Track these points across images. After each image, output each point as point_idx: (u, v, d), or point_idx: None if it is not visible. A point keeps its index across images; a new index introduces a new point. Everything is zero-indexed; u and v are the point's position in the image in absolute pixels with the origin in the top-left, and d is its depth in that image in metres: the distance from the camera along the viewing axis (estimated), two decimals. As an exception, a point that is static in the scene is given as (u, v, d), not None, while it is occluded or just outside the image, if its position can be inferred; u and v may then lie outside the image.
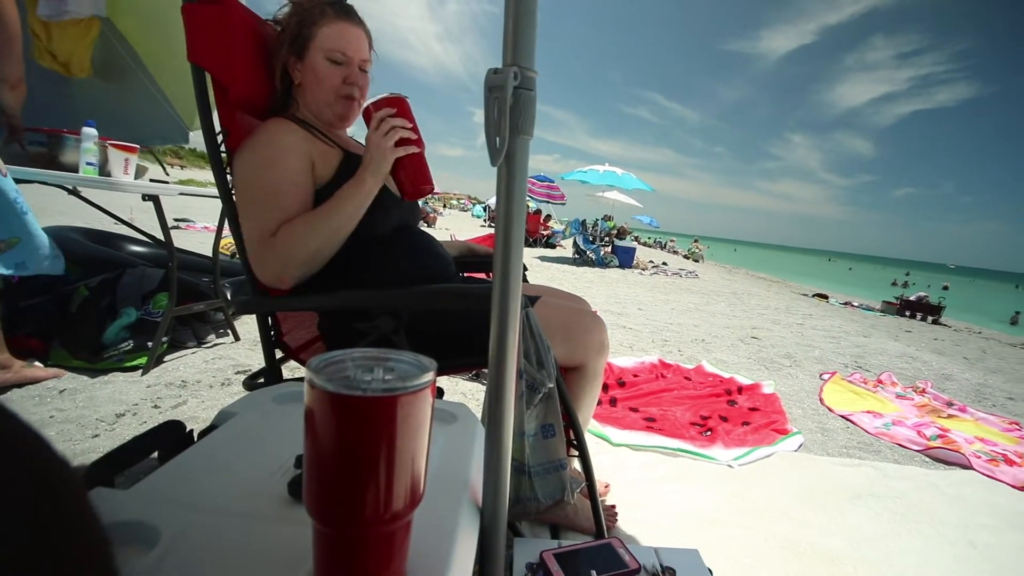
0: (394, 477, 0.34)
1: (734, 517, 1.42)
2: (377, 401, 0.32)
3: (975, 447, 2.08)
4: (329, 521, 0.35)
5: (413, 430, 0.35)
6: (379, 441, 0.33)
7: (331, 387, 0.32)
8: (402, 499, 0.35)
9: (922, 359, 4.15)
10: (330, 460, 0.34)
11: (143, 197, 1.74)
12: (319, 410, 0.33)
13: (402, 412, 0.33)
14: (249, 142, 0.93)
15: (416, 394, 0.34)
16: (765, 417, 2.17)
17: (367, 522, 0.35)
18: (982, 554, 1.38)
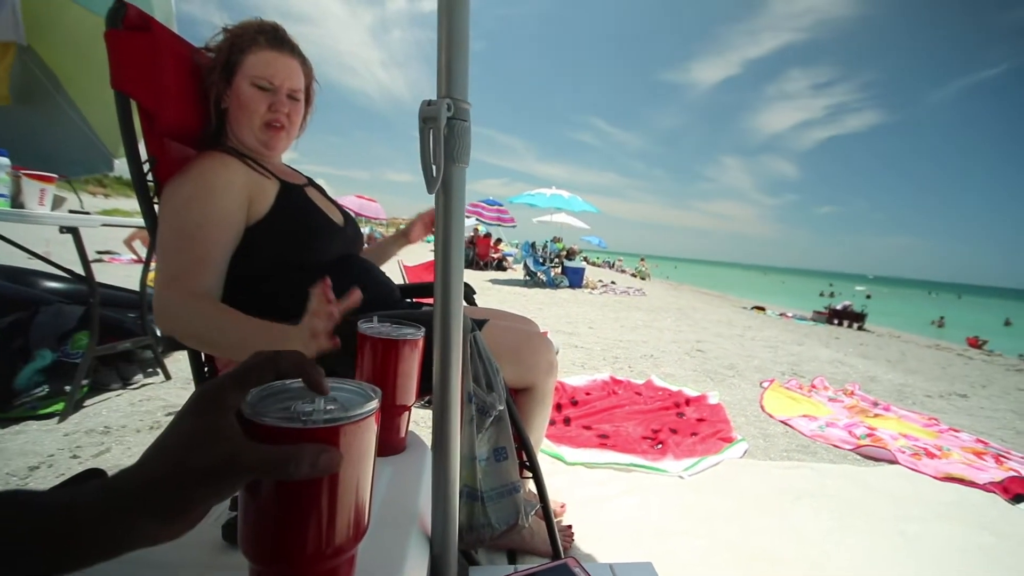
0: (336, 511, 0.33)
1: (685, 526, 1.45)
2: (316, 432, 0.31)
3: (900, 443, 2.25)
4: (265, 561, 0.33)
5: (355, 460, 0.34)
6: (332, 476, 0.32)
7: (268, 420, 0.31)
8: (344, 533, 0.34)
9: (850, 363, 4.46)
10: (266, 496, 0.32)
11: (60, 229, 1.62)
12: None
13: (344, 442, 0.32)
14: (180, 177, 0.90)
15: (359, 423, 0.33)
16: (712, 427, 2.26)
17: (307, 560, 0.33)
18: (912, 544, 1.48)
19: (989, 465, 2.09)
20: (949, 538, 1.52)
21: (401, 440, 0.73)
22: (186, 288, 0.83)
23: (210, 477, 0.28)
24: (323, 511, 0.33)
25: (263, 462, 0.29)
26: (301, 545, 0.33)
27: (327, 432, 0.31)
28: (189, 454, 0.28)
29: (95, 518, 0.27)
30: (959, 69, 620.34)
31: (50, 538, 0.26)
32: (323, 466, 0.30)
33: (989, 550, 1.47)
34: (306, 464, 0.29)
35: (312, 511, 0.32)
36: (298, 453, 0.29)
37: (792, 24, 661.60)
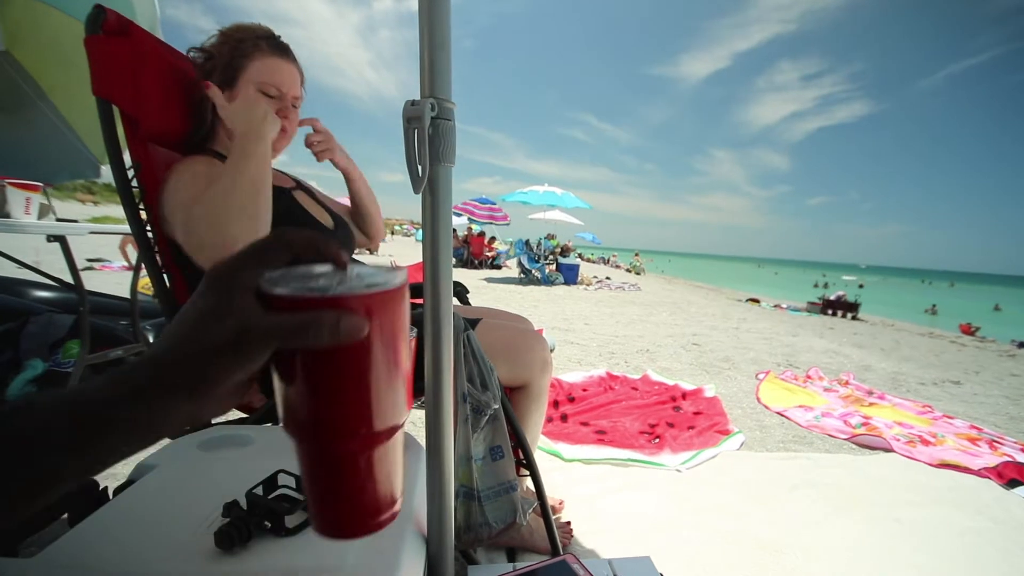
0: (369, 387, 0.30)
1: (683, 519, 1.46)
2: (338, 300, 0.28)
3: (894, 431, 2.27)
4: (307, 437, 0.31)
5: (385, 336, 0.30)
6: (359, 347, 0.29)
7: (285, 291, 0.28)
8: (381, 412, 0.31)
9: (844, 353, 4.49)
10: (296, 372, 0.30)
11: (48, 238, 1.61)
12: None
13: (369, 313, 0.29)
14: (174, 176, 0.89)
15: (385, 294, 0.30)
16: (708, 420, 2.27)
17: (345, 436, 0.31)
18: (907, 529, 1.49)
19: (983, 451, 2.11)
20: (945, 524, 1.53)
21: (395, 441, 0.73)
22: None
23: (227, 347, 0.27)
24: (355, 385, 0.30)
25: (280, 328, 0.27)
26: (337, 422, 0.30)
27: (350, 301, 0.28)
28: (203, 329, 0.27)
29: (122, 400, 0.26)
30: (946, 57, 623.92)
31: (81, 430, 0.26)
32: (345, 330, 0.27)
33: (984, 535, 1.49)
34: (326, 328, 0.26)
35: (344, 384, 0.30)
36: (317, 317, 0.27)
37: (780, 16, 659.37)
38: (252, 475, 0.56)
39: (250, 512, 0.51)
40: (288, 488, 0.56)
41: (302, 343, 0.27)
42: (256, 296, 0.29)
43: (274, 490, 0.55)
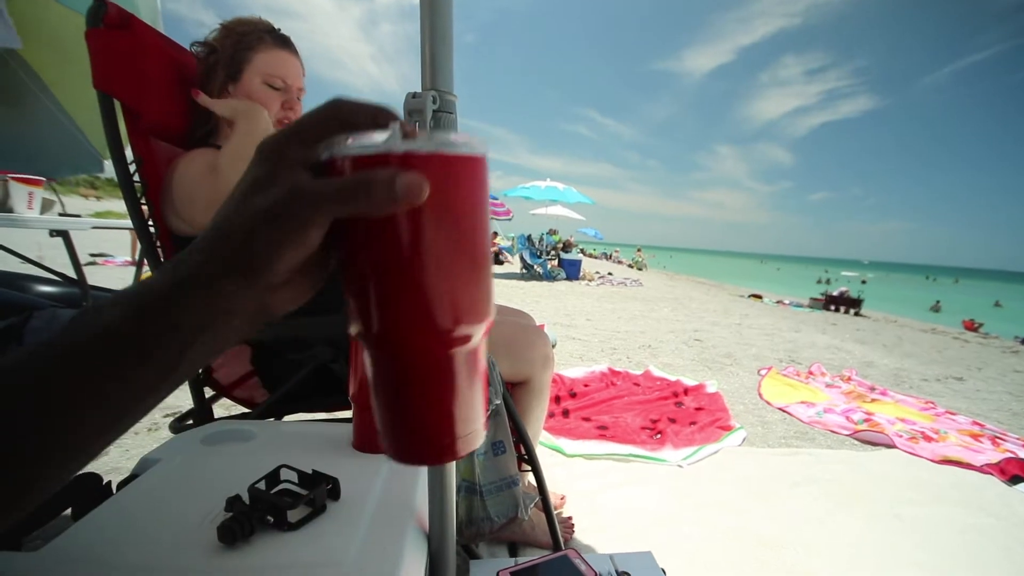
0: (430, 271, 0.24)
1: (685, 515, 1.46)
2: (400, 158, 0.23)
3: (897, 427, 2.26)
4: (368, 328, 0.26)
5: (456, 211, 0.25)
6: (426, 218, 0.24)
7: (339, 153, 0.24)
8: (453, 305, 0.25)
9: (846, 349, 4.48)
10: (353, 244, 0.25)
11: (51, 233, 1.61)
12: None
13: (439, 178, 0.24)
14: (181, 165, 0.90)
15: (457, 159, 0.25)
16: (710, 416, 2.26)
17: (414, 331, 0.25)
18: (909, 526, 1.49)
19: (986, 447, 2.10)
20: (947, 520, 1.53)
21: (398, 437, 0.73)
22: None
23: (274, 215, 0.23)
24: (421, 264, 0.24)
25: (329, 189, 0.23)
26: (403, 313, 0.25)
27: (411, 159, 0.23)
28: (249, 199, 0.24)
29: (177, 287, 0.23)
30: (951, 53, 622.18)
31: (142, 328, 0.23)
32: (403, 189, 0.22)
33: (987, 531, 1.49)
34: (381, 186, 0.22)
35: (409, 262, 0.24)
36: (370, 175, 0.23)
37: (784, 10, 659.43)
38: (255, 470, 0.56)
39: (253, 507, 0.51)
40: (291, 483, 0.56)
41: (355, 206, 0.23)
42: (308, 168, 0.25)
43: (277, 485, 0.55)
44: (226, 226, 0.24)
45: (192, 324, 0.24)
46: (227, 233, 0.24)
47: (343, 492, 0.57)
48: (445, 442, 0.27)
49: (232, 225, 0.24)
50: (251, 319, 0.26)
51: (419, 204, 0.23)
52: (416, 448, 0.28)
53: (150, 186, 0.91)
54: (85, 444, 0.24)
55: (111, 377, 0.23)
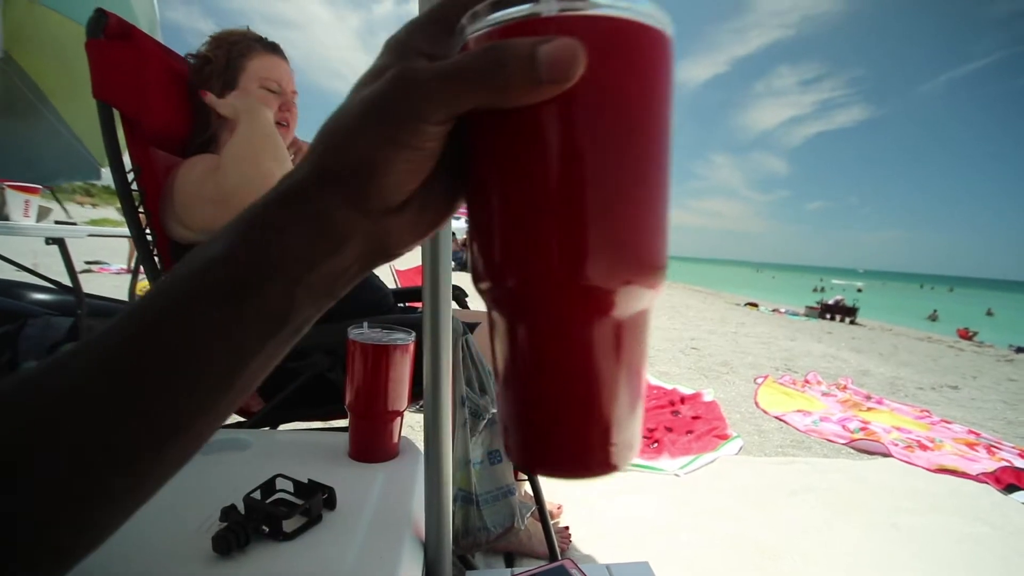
0: (588, 191, 0.17)
1: (682, 523, 1.46)
2: (564, 23, 0.17)
3: (892, 436, 2.27)
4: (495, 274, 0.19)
5: (652, 105, 0.18)
6: (584, 105, 0.17)
7: (472, 30, 0.18)
8: (606, 249, 0.17)
9: (842, 358, 4.49)
10: (485, 143, 0.19)
11: (47, 240, 1.60)
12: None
13: (616, 53, 0.17)
14: (183, 169, 0.90)
15: (645, 31, 0.18)
16: (707, 424, 2.26)
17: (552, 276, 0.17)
18: (906, 535, 1.49)
19: (981, 456, 2.11)
20: (943, 529, 1.53)
21: (394, 445, 0.72)
22: None
23: (377, 105, 0.18)
24: (569, 178, 0.17)
25: (448, 68, 0.17)
26: (540, 254, 0.17)
27: (567, 24, 0.16)
28: (356, 92, 0.19)
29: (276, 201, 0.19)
30: (945, 62, 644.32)
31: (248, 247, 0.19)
32: (547, 61, 0.15)
33: (983, 540, 1.49)
34: (517, 58, 0.16)
35: (552, 173, 0.17)
36: (502, 45, 0.16)
37: (778, 21, 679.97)
38: (250, 479, 0.56)
39: (248, 516, 0.50)
40: (286, 492, 0.56)
41: (482, 91, 0.17)
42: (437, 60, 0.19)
43: (272, 494, 0.55)
44: (330, 125, 0.19)
45: (296, 254, 0.19)
46: (330, 134, 0.19)
47: (339, 501, 0.56)
48: (592, 447, 0.19)
49: (336, 123, 0.19)
50: (366, 254, 0.20)
51: (571, 85, 0.16)
52: (553, 453, 0.20)
53: (148, 194, 0.92)
54: (180, 423, 0.19)
55: (211, 327, 0.18)
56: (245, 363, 0.19)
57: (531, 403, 0.20)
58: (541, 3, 0.17)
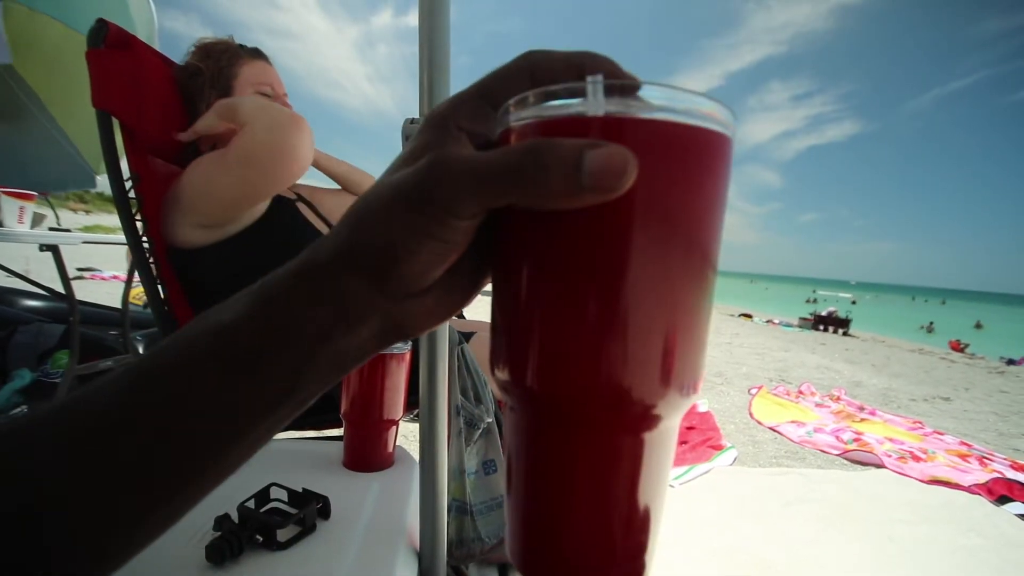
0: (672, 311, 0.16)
1: (677, 535, 1.45)
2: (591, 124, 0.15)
3: (886, 447, 2.27)
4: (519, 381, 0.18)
5: (707, 214, 0.17)
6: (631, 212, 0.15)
7: (515, 120, 0.17)
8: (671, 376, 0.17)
9: (836, 369, 4.51)
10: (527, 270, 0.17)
11: (41, 247, 1.60)
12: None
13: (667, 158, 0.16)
14: (188, 171, 0.90)
15: (721, 140, 0.17)
16: (701, 435, 2.26)
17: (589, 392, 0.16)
18: (900, 546, 1.49)
19: (973, 467, 2.12)
20: (936, 540, 1.54)
21: (389, 455, 0.72)
22: None
23: (407, 192, 0.17)
24: (611, 291, 0.16)
25: (485, 162, 0.16)
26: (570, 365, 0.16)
27: (619, 126, 0.15)
28: (392, 173, 0.18)
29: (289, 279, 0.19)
30: (933, 80, 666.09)
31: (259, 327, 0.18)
32: (595, 168, 0.14)
33: (976, 551, 1.49)
34: (561, 160, 0.15)
35: (593, 283, 0.16)
36: (546, 145, 0.15)
37: (771, 37, 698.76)
38: (244, 488, 0.55)
39: (242, 526, 0.50)
40: (280, 502, 0.55)
41: (521, 190, 0.16)
42: (480, 142, 0.19)
43: (266, 503, 0.55)
44: (359, 205, 0.19)
45: (312, 329, 0.19)
46: (358, 214, 0.19)
47: (333, 511, 0.56)
48: (602, 565, 0.18)
49: (366, 204, 0.19)
50: (381, 333, 0.20)
51: (619, 194, 0.15)
52: (560, 567, 0.19)
53: (146, 202, 0.92)
54: (168, 490, 0.19)
55: (213, 392, 0.18)
56: (243, 433, 0.19)
57: (538, 509, 0.19)
58: (594, 100, 0.15)
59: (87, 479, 0.17)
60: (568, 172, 0.15)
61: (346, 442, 0.69)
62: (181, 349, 0.19)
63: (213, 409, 0.18)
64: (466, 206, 0.17)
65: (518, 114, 0.17)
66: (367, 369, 0.66)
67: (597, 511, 0.18)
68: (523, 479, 0.19)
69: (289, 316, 0.18)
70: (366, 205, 0.19)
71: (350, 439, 0.69)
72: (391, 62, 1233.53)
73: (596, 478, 0.17)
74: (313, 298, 0.18)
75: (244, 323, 0.19)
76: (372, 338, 0.20)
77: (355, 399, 0.66)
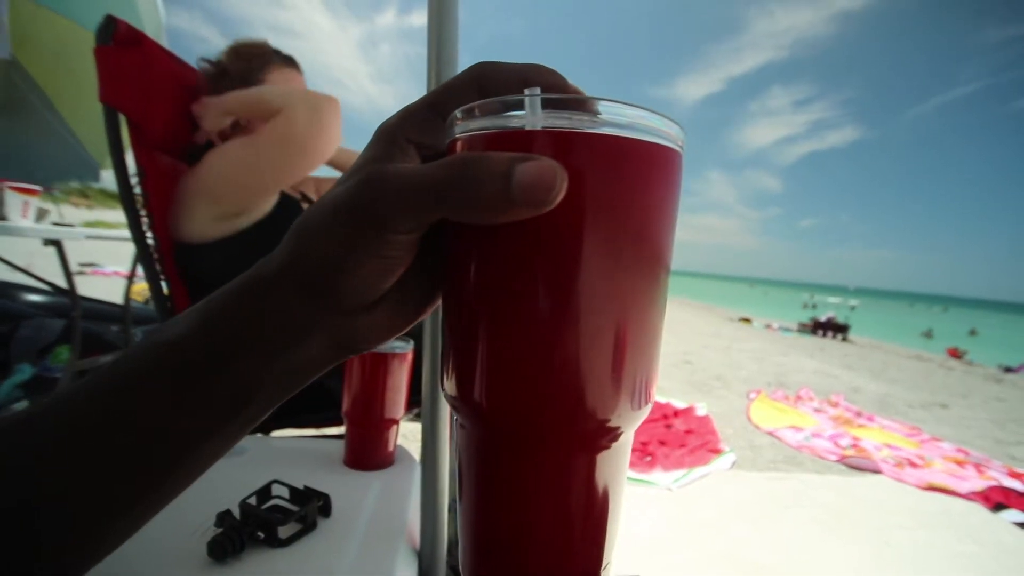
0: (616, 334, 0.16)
1: (675, 539, 1.46)
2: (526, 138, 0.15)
3: (883, 453, 2.28)
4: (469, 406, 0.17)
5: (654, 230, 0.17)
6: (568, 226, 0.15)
7: (454, 133, 0.17)
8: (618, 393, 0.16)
9: (834, 374, 4.52)
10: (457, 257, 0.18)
11: (44, 242, 1.60)
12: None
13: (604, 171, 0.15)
14: (206, 160, 0.91)
15: (667, 153, 0.16)
16: (700, 439, 2.27)
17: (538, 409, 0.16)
18: (898, 553, 1.49)
19: (970, 474, 2.12)
20: (933, 547, 1.54)
21: (390, 454, 0.73)
22: None
23: (344, 208, 0.17)
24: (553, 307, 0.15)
25: (419, 177, 0.16)
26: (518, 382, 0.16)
27: (555, 140, 0.15)
28: (336, 187, 0.18)
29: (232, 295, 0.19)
30: (934, 87, 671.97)
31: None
32: (525, 182, 0.14)
33: (972, 558, 1.49)
34: (490, 175, 0.15)
35: (532, 299, 0.15)
36: (474, 159, 0.15)
37: (773, 42, 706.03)
38: (246, 485, 0.56)
39: (243, 522, 0.50)
40: (281, 499, 0.56)
41: (453, 205, 0.16)
42: (428, 155, 0.19)
43: (268, 500, 0.55)
44: (303, 220, 0.19)
45: (254, 345, 0.18)
46: (301, 229, 0.19)
47: (334, 509, 0.57)
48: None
49: (309, 219, 0.18)
50: (332, 347, 0.20)
51: (549, 208, 0.15)
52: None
53: (151, 198, 0.92)
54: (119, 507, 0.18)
55: (160, 407, 0.18)
56: (194, 447, 0.19)
57: (488, 530, 0.18)
58: (532, 113, 0.15)
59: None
60: (498, 186, 0.15)
61: (347, 441, 0.70)
62: (130, 365, 0.18)
63: (161, 424, 0.18)
64: (402, 221, 0.17)
65: (463, 126, 0.17)
66: (369, 368, 0.66)
67: (551, 529, 0.17)
68: (474, 497, 0.19)
69: (235, 332, 0.18)
70: (309, 220, 0.18)
71: (351, 438, 0.69)
72: (394, 62, 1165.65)
73: (550, 496, 0.17)
74: (259, 314, 0.18)
75: (191, 338, 0.18)
76: (322, 352, 0.20)
77: (357, 398, 0.66)
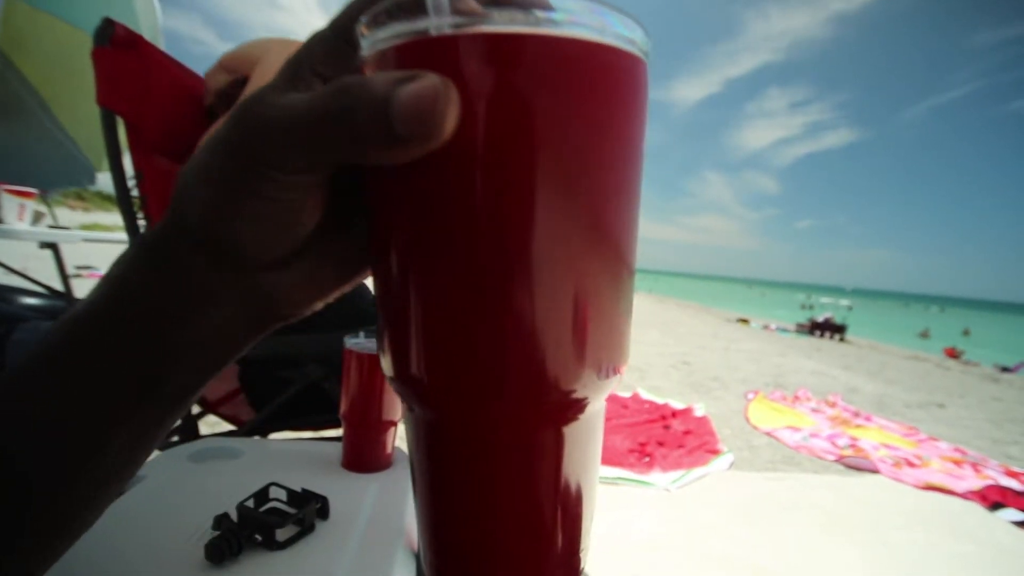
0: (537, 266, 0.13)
1: (673, 539, 1.46)
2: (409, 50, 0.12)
3: (881, 453, 2.28)
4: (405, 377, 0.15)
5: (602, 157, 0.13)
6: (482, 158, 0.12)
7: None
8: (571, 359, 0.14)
9: (832, 374, 4.53)
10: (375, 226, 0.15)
11: (40, 245, 1.60)
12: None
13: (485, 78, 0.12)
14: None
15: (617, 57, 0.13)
16: (698, 439, 2.27)
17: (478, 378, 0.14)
18: (896, 553, 1.50)
19: (967, 474, 2.13)
20: (931, 546, 1.54)
21: (388, 456, 0.73)
22: None
23: (223, 147, 0.15)
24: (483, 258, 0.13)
25: (297, 113, 0.13)
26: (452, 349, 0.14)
27: (450, 47, 0.12)
28: (208, 137, 0.16)
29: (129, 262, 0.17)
30: (927, 90, 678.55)
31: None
32: (403, 110, 0.11)
33: (970, 558, 1.50)
34: (367, 104, 0.12)
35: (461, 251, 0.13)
36: (350, 85, 0.12)
37: (769, 45, 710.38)
38: (243, 488, 0.56)
39: (241, 525, 0.50)
40: (279, 501, 0.56)
41: (342, 147, 0.13)
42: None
43: (265, 503, 0.55)
44: (184, 168, 0.16)
45: (158, 313, 0.16)
46: (182, 177, 0.16)
47: (332, 511, 0.56)
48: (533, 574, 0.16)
49: (189, 166, 0.16)
50: (247, 314, 0.17)
51: (441, 142, 0.12)
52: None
53: (148, 201, 0.92)
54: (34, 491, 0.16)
55: (73, 384, 0.16)
56: (111, 429, 0.16)
57: (445, 522, 0.16)
58: (436, 14, 0.11)
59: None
60: (377, 117, 0.12)
61: (345, 443, 0.69)
62: (42, 346, 0.17)
63: (70, 407, 0.16)
64: (286, 159, 0.14)
65: (369, 38, 0.13)
66: (367, 369, 0.66)
67: (519, 517, 0.15)
68: (429, 489, 0.16)
69: (133, 299, 0.16)
70: (189, 166, 0.16)
71: (349, 440, 0.69)
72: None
73: (509, 481, 0.15)
74: (152, 277, 0.16)
75: (94, 310, 0.16)
76: (235, 320, 0.17)
77: (354, 400, 0.66)
